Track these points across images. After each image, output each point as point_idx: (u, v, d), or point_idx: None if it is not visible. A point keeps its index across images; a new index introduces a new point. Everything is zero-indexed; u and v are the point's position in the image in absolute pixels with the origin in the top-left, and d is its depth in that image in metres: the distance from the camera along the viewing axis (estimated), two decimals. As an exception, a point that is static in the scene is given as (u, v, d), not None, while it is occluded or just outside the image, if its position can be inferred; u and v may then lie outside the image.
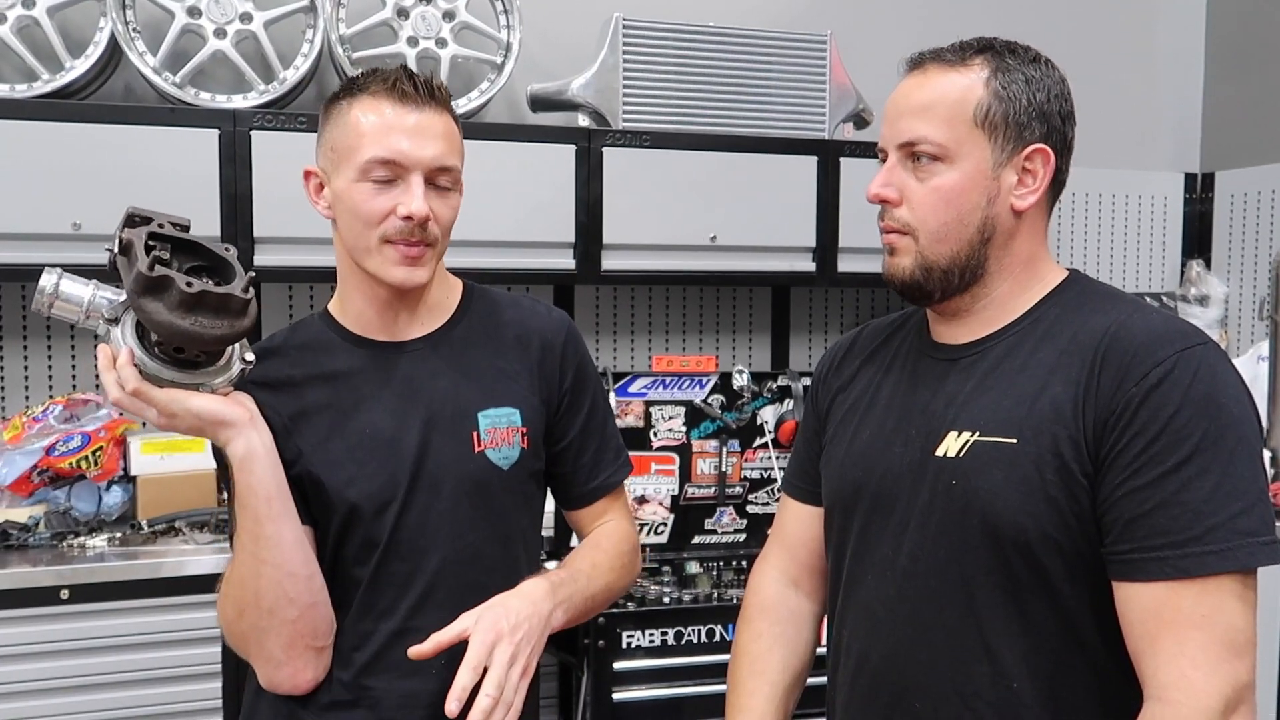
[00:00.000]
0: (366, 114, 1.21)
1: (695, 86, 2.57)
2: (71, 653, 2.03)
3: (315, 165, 1.27)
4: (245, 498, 1.17)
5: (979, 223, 1.11)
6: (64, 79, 2.28)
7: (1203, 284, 3.09)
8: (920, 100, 1.12)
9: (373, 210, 1.20)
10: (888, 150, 1.15)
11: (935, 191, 1.11)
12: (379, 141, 1.19)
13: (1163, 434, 0.98)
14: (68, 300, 1.15)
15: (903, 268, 1.14)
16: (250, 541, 1.17)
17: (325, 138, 1.25)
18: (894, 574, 1.14)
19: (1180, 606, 0.97)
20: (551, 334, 1.37)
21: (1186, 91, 3.37)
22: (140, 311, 1.10)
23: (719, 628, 2.18)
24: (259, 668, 1.22)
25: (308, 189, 1.28)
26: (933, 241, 1.12)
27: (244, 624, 1.19)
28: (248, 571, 1.17)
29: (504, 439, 1.29)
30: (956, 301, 1.15)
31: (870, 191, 1.15)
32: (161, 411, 1.13)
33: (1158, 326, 1.05)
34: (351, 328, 1.29)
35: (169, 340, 1.11)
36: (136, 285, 1.08)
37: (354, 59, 2.46)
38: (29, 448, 2.24)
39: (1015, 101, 1.11)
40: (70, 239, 2.15)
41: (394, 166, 1.19)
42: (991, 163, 1.10)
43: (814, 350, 3.09)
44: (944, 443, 1.11)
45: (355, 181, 1.20)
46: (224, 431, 1.16)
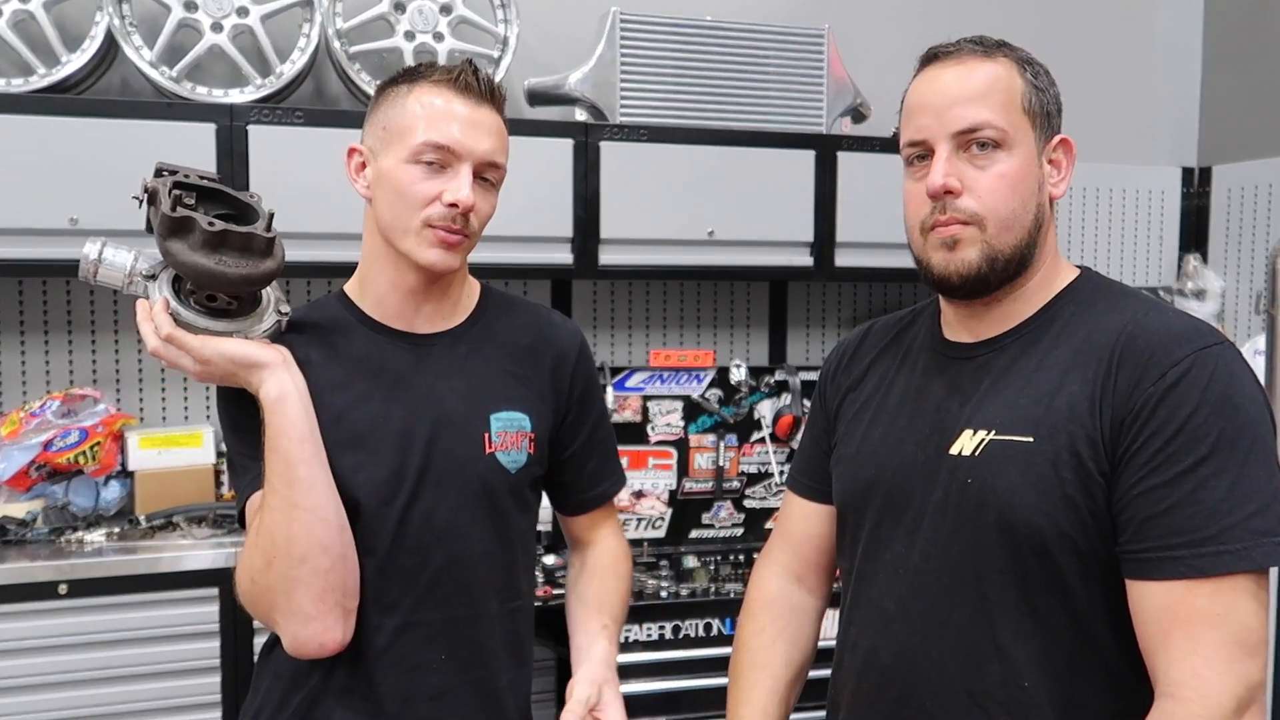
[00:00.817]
0: (427, 99, 1.23)
1: (693, 81, 2.57)
2: (70, 648, 2.03)
3: (360, 144, 1.28)
4: (277, 440, 1.16)
5: (1035, 210, 1.11)
6: (60, 73, 2.28)
7: (1200, 278, 3.09)
8: (975, 87, 1.10)
9: (419, 193, 1.21)
10: (934, 142, 1.11)
11: (1001, 178, 1.09)
12: (435, 126, 1.21)
13: (1180, 433, 0.99)
14: (111, 267, 1.18)
15: (968, 261, 1.10)
16: (283, 486, 1.15)
17: (377, 117, 1.26)
18: (906, 572, 1.14)
19: (1195, 605, 0.97)
20: (566, 345, 1.39)
21: (1184, 86, 3.37)
22: (168, 255, 1.13)
23: (716, 622, 2.19)
24: (285, 626, 1.17)
25: (348, 166, 1.29)
26: (1001, 230, 1.09)
27: (272, 576, 1.15)
28: (279, 518, 1.15)
29: (513, 443, 1.30)
30: (998, 293, 1.13)
31: (934, 183, 1.10)
32: (195, 357, 1.16)
33: (1175, 325, 1.05)
34: (371, 313, 1.29)
35: (196, 280, 1.14)
36: (162, 228, 1.12)
37: (351, 53, 2.45)
38: (27, 443, 2.24)
39: (1046, 92, 1.13)
40: (67, 234, 2.15)
41: (446, 153, 1.22)
42: (1037, 150, 1.12)
43: (811, 345, 3.09)
44: (959, 441, 1.10)
45: (405, 162, 1.22)
46: (257, 374, 1.17)
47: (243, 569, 1.19)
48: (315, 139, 2.23)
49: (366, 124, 1.29)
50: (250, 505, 1.21)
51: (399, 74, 1.28)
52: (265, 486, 1.18)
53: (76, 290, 2.47)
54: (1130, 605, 1.02)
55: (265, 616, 1.20)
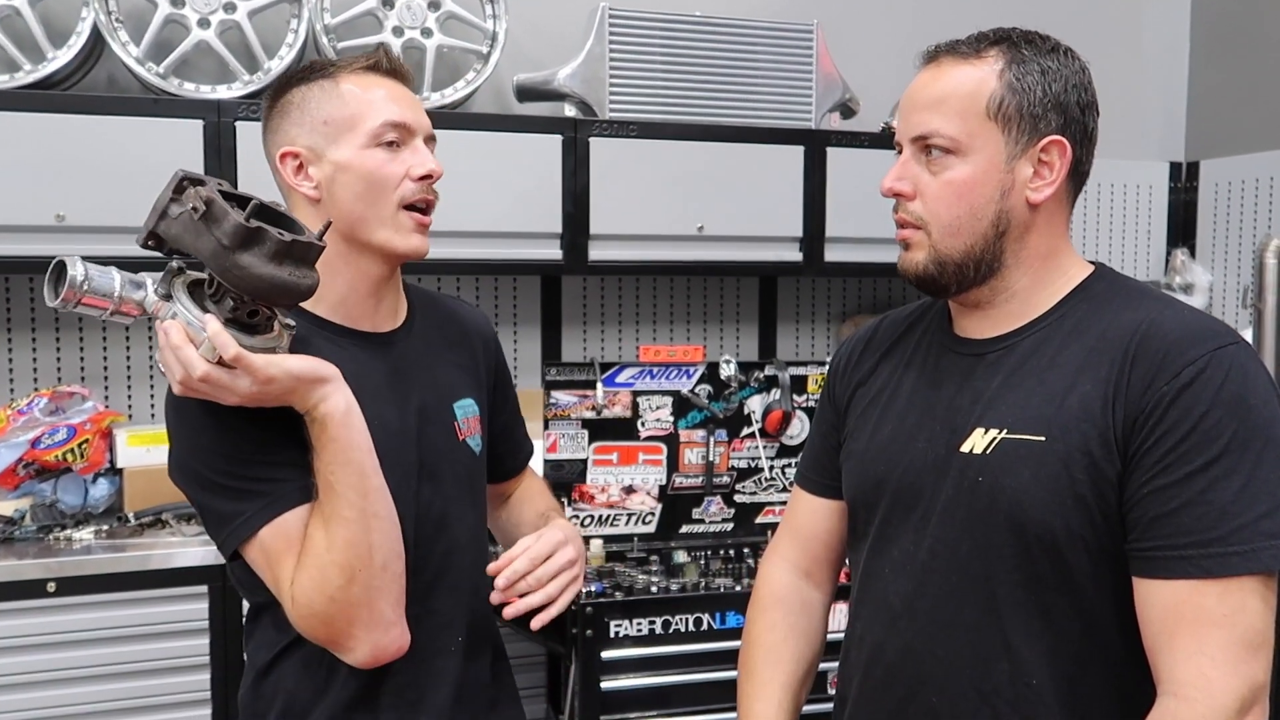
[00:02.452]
0: (364, 85, 1.22)
1: (682, 76, 2.57)
2: (59, 645, 2.03)
3: (291, 146, 1.23)
4: (349, 453, 1.12)
5: (993, 216, 1.10)
6: (46, 69, 2.26)
7: (1187, 272, 3.11)
8: (933, 94, 1.11)
9: (391, 173, 1.21)
10: (903, 144, 1.15)
11: (948, 185, 1.10)
12: (387, 107, 1.21)
13: (1192, 433, 0.98)
14: (98, 291, 1.05)
15: (916, 262, 1.14)
16: (358, 498, 1.12)
17: (305, 115, 1.22)
18: (914, 569, 1.14)
19: (1202, 605, 0.97)
20: (484, 327, 1.46)
21: (1171, 80, 3.38)
22: (233, 269, 1.04)
23: (706, 616, 2.19)
24: (366, 637, 1.14)
25: (283, 171, 1.24)
26: (945, 235, 1.11)
27: (356, 589, 1.11)
28: (357, 530, 1.12)
29: (473, 428, 1.35)
30: (975, 293, 1.15)
31: (884, 185, 1.15)
32: (258, 378, 1.07)
33: (1190, 324, 1.04)
34: (330, 317, 1.25)
35: (266, 294, 1.06)
36: (233, 239, 1.03)
37: (339, 49, 2.45)
38: (14, 441, 2.23)
39: (1029, 93, 1.10)
40: (54, 230, 2.14)
41: (404, 130, 1.22)
42: (1005, 156, 1.10)
43: (801, 340, 3.09)
44: (970, 439, 1.10)
45: (366, 148, 1.20)
46: (321, 389, 1.11)
47: (315, 590, 1.11)
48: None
49: (289, 125, 1.23)
50: (285, 527, 1.13)
51: (310, 69, 1.24)
52: (329, 503, 1.12)
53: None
54: (1136, 603, 1.02)
55: (342, 633, 1.13)
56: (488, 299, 2.80)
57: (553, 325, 2.85)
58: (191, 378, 1.05)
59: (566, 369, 2.48)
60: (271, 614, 1.20)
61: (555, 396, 2.44)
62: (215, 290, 1.08)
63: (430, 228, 1.27)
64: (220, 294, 1.08)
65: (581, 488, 2.47)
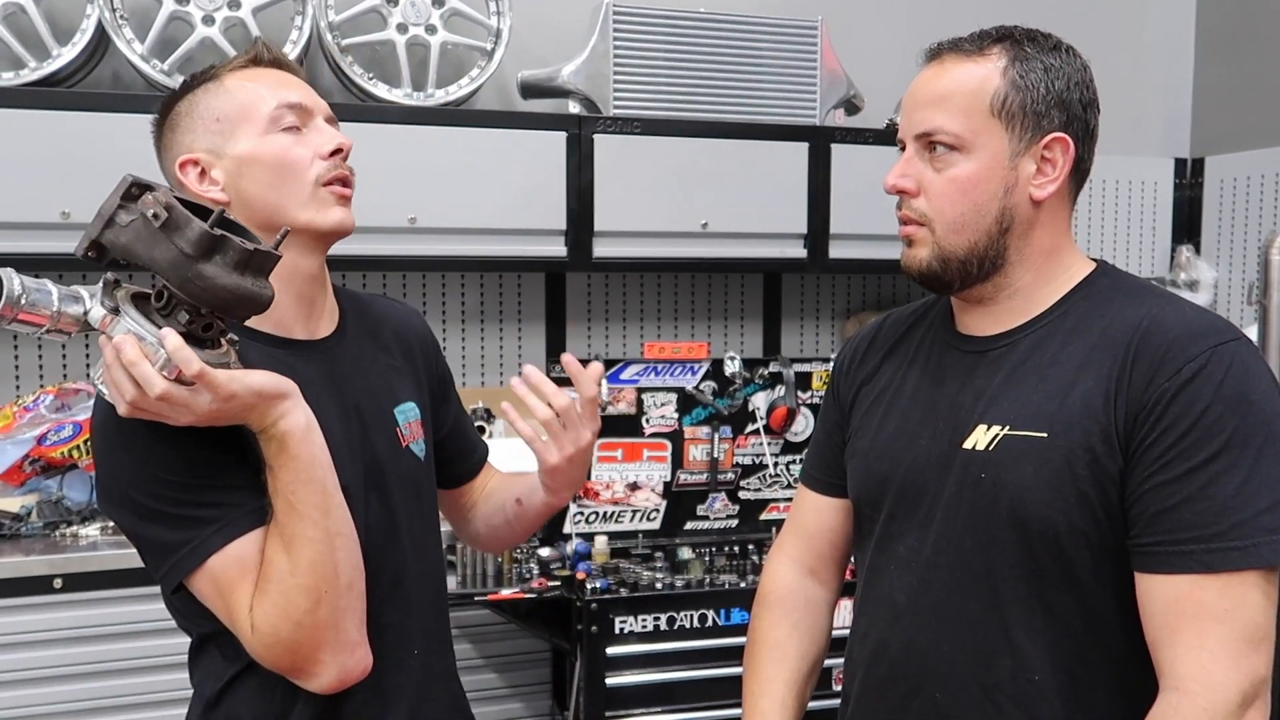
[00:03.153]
0: (249, 76, 1.18)
1: (686, 73, 2.57)
2: (65, 641, 2.04)
3: (188, 155, 1.16)
4: (312, 470, 1.07)
5: (996, 213, 1.11)
6: (51, 66, 2.27)
7: (1192, 269, 3.10)
8: (936, 91, 1.12)
9: (299, 155, 1.15)
10: (906, 141, 1.15)
11: (951, 182, 1.10)
12: (278, 91, 1.17)
13: (1193, 429, 0.99)
14: (35, 305, 0.99)
15: (919, 259, 1.14)
16: (321, 517, 1.07)
17: (199, 118, 1.16)
18: (917, 565, 1.14)
19: (1203, 600, 0.97)
20: (419, 327, 1.40)
21: (1177, 77, 3.37)
22: (196, 279, 0.98)
23: (711, 613, 2.19)
24: (332, 660, 1.09)
25: (186, 181, 1.16)
26: (949, 232, 1.11)
27: (322, 612, 1.07)
28: (321, 550, 1.06)
29: (416, 432, 1.29)
30: (979, 290, 1.15)
31: (887, 182, 1.15)
32: (219, 394, 1.00)
33: (1191, 320, 1.05)
34: (261, 327, 1.17)
35: (229, 305, 1.01)
36: (196, 248, 0.97)
37: (343, 45, 2.45)
38: (20, 437, 2.24)
39: (1033, 90, 1.10)
40: (59, 228, 2.15)
41: (301, 111, 1.17)
42: (1009, 152, 1.10)
43: (805, 337, 3.09)
44: (972, 435, 1.11)
45: (266, 134, 1.15)
46: (282, 404, 1.05)
47: (280, 616, 1.05)
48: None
49: (180, 135, 1.17)
50: (238, 554, 1.07)
51: (187, 83, 1.19)
52: (291, 523, 1.07)
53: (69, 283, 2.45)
54: (1138, 598, 1.02)
55: (308, 659, 1.08)
56: (492, 296, 2.80)
57: (557, 322, 2.85)
58: (147, 397, 0.98)
59: (571, 366, 2.48)
60: (218, 642, 1.14)
61: (559, 393, 2.44)
62: (166, 303, 1.01)
63: (350, 202, 1.21)
64: (172, 307, 1.01)
65: (586, 484, 2.47)
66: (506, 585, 2.24)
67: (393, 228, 2.36)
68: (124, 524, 1.10)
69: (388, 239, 2.36)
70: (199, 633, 1.17)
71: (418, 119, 2.40)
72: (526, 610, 2.28)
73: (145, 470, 1.06)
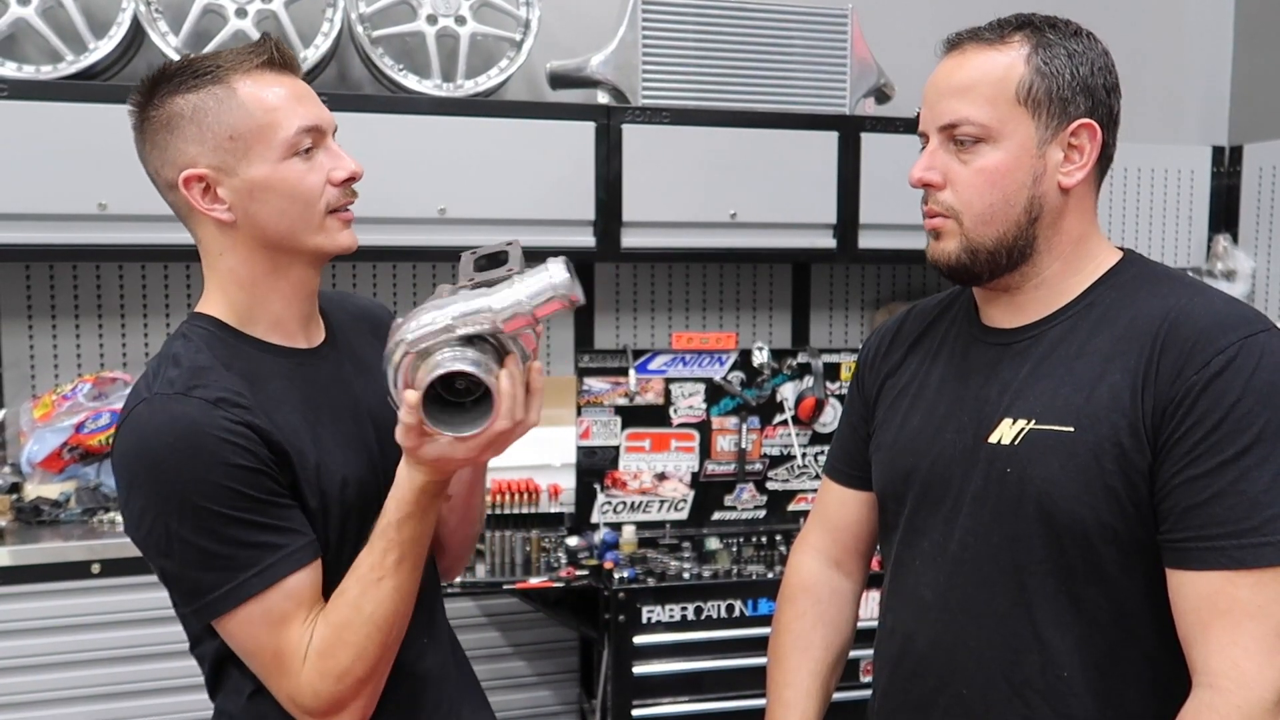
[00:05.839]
0: (263, 87, 1.10)
1: (715, 62, 2.56)
2: (103, 626, 2.08)
3: (193, 169, 1.10)
4: (430, 529, 1.10)
5: (1025, 202, 1.09)
6: (88, 60, 2.30)
7: (1230, 259, 3.05)
8: (960, 81, 1.10)
9: (313, 185, 1.12)
10: (929, 133, 1.13)
11: (980, 173, 1.09)
12: (296, 112, 1.11)
13: (1223, 423, 0.97)
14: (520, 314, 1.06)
15: (948, 252, 1.12)
16: (416, 573, 1.10)
17: (208, 130, 1.09)
18: (944, 560, 1.13)
19: (1236, 596, 0.96)
20: (388, 318, 1.35)
21: (1215, 64, 3.31)
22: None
23: (738, 603, 2.20)
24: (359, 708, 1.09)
25: (190, 197, 1.11)
26: (978, 224, 1.10)
27: (383, 664, 1.10)
28: (405, 605, 1.09)
29: None
30: (1006, 280, 1.13)
31: (913, 176, 1.13)
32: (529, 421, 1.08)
33: (1220, 311, 1.03)
34: (269, 338, 1.16)
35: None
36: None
37: (374, 37, 2.46)
38: (59, 425, 2.28)
39: (1058, 77, 1.08)
40: (97, 219, 2.18)
41: (316, 133, 1.13)
42: (1036, 140, 1.08)
43: (834, 327, 3.08)
44: (998, 429, 1.10)
45: (283, 161, 1.10)
46: None
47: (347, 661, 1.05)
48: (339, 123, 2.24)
49: (183, 143, 1.11)
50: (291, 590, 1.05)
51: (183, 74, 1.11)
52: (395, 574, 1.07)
53: (106, 274, 2.50)
54: (1170, 594, 1.01)
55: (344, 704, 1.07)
56: (521, 286, 2.80)
57: (585, 312, 2.86)
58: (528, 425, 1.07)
59: (599, 356, 2.49)
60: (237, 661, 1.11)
61: (588, 383, 2.45)
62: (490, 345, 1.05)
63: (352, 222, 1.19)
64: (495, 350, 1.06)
65: (614, 474, 2.48)
66: (535, 574, 2.25)
67: (423, 218, 2.37)
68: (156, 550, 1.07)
69: (418, 229, 2.37)
70: (219, 654, 1.14)
71: (447, 110, 2.41)
72: (554, 599, 2.29)
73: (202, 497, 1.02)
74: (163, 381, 1.07)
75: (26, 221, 2.17)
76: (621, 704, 2.15)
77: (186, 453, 1.02)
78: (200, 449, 1.02)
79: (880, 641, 1.24)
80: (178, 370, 1.08)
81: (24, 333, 2.47)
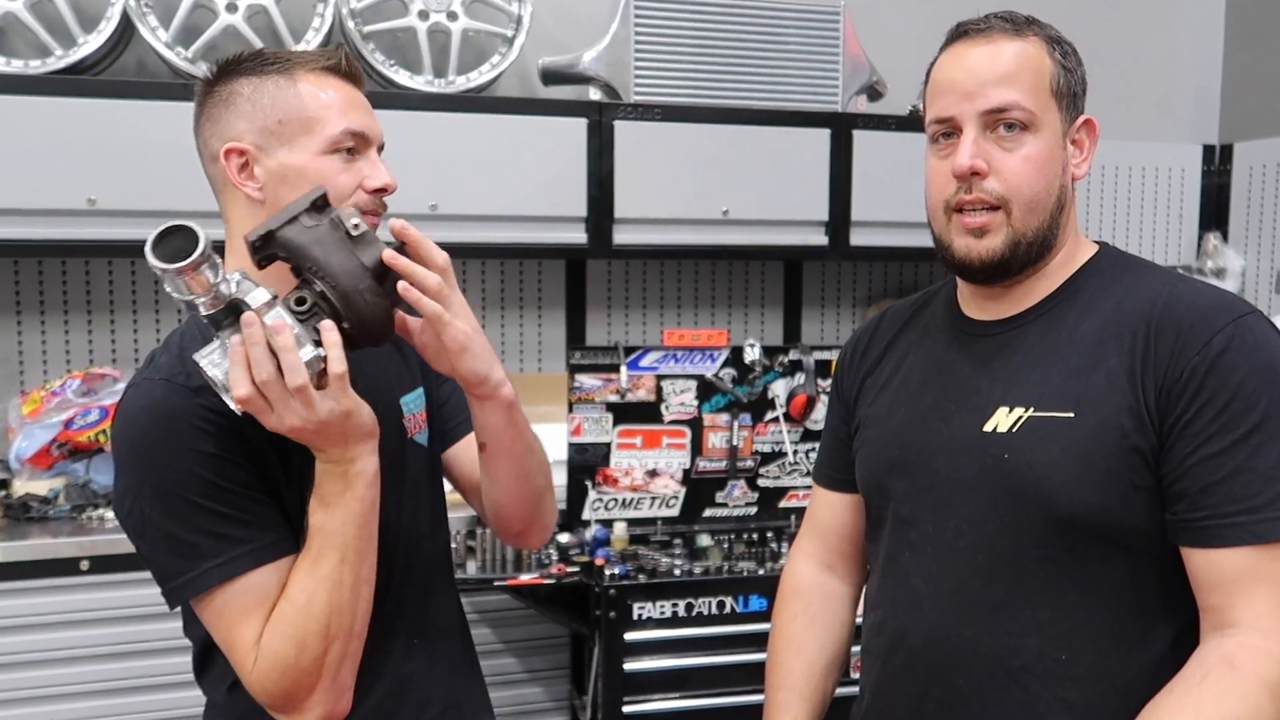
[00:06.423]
0: (322, 86, 1.14)
1: (707, 59, 2.56)
2: (92, 622, 2.07)
3: (236, 143, 1.13)
4: (369, 516, 1.07)
5: (1058, 192, 1.11)
6: (77, 54, 2.29)
7: (1220, 257, 3.06)
8: (1005, 67, 1.09)
9: (345, 184, 1.13)
10: (962, 121, 1.10)
11: (1028, 161, 1.09)
12: (348, 114, 1.14)
13: (1232, 402, 1.00)
14: (203, 273, 0.98)
15: (993, 249, 1.10)
16: (358, 563, 1.07)
17: (261, 110, 1.13)
18: (937, 549, 1.14)
19: (1272, 568, 0.98)
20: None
21: (1206, 62, 3.32)
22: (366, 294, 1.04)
23: (729, 600, 2.20)
24: (320, 701, 1.08)
25: (227, 169, 1.13)
26: (1026, 213, 1.10)
27: (330, 658, 1.06)
28: (350, 597, 1.06)
29: (419, 423, 1.29)
30: (1019, 275, 1.14)
31: (961, 164, 1.09)
32: (339, 408, 1.01)
33: (1207, 295, 1.06)
34: None
35: (376, 329, 1.05)
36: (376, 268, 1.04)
37: (365, 32, 2.45)
38: (48, 421, 2.27)
39: (1074, 72, 1.12)
40: (86, 214, 2.17)
41: (361, 140, 1.15)
42: (1061, 131, 1.12)
43: (826, 324, 3.08)
44: (994, 418, 1.10)
45: (322, 154, 1.13)
46: (369, 444, 1.06)
47: (289, 655, 1.04)
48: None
49: (234, 118, 1.13)
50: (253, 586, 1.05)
51: (254, 60, 1.15)
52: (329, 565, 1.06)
53: (95, 270, 2.49)
54: (1193, 572, 1.02)
55: (299, 700, 1.06)
56: (512, 283, 2.81)
57: (577, 309, 2.85)
58: (279, 384, 0.98)
59: (591, 353, 2.49)
60: None
61: (579, 380, 2.45)
62: (308, 310, 1.03)
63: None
64: (310, 316, 1.02)
65: (605, 471, 2.48)
66: (526, 571, 2.25)
67: (414, 214, 2.34)
68: (134, 531, 1.09)
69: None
70: (207, 639, 1.15)
71: (439, 106, 2.40)
72: (545, 596, 2.29)
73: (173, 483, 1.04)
74: (154, 367, 1.10)
75: (15, 217, 2.16)
76: (612, 700, 2.15)
77: (161, 437, 1.05)
78: (174, 434, 1.04)
79: (869, 638, 1.24)
80: (168, 356, 1.11)
81: (12, 328, 2.45)
